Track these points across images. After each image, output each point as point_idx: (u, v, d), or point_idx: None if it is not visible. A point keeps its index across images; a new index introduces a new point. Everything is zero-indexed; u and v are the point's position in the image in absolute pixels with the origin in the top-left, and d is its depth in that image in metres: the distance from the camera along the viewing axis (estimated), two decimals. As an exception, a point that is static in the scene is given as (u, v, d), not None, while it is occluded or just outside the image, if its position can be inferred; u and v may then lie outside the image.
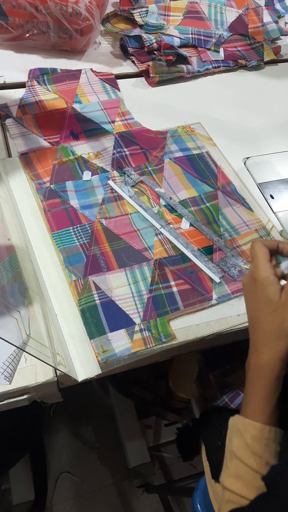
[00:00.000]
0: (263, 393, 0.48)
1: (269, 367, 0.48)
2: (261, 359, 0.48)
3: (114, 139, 0.87)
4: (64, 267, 0.67)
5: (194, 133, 0.91)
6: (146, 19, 1.07)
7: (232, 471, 0.46)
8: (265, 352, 0.48)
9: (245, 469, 0.45)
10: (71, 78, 0.98)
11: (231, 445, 0.48)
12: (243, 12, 1.17)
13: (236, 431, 0.48)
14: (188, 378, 1.03)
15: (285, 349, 0.47)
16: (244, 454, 0.46)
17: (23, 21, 0.97)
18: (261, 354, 0.48)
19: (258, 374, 0.48)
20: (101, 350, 0.59)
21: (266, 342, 0.48)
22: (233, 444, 0.47)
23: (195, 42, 1.09)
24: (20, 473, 1.14)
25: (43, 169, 0.80)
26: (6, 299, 0.61)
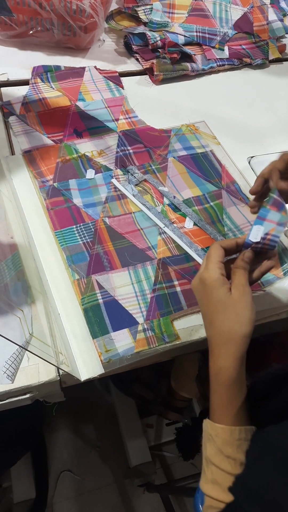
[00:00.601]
0: (226, 398, 0.47)
1: (228, 371, 0.47)
2: (218, 363, 0.47)
3: (117, 137, 0.87)
4: (67, 265, 0.67)
5: (198, 131, 0.90)
6: (150, 17, 1.07)
7: (209, 477, 0.46)
8: (222, 355, 0.47)
9: (221, 474, 0.45)
10: (75, 76, 0.98)
11: (205, 451, 0.48)
12: (248, 10, 1.16)
13: (208, 437, 0.48)
14: (189, 377, 1.03)
15: (240, 349, 0.46)
16: (218, 459, 0.46)
17: (27, 18, 0.96)
18: (218, 359, 0.47)
19: (218, 379, 0.48)
20: (104, 350, 0.59)
21: (221, 344, 0.47)
22: (207, 450, 0.47)
23: (199, 40, 1.09)
24: (22, 471, 1.14)
25: (46, 167, 0.79)
26: (9, 297, 0.61)
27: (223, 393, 0.47)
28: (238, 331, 0.46)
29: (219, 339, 0.47)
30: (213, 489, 0.45)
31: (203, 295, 0.50)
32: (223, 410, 0.47)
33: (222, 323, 0.47)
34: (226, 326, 0.47)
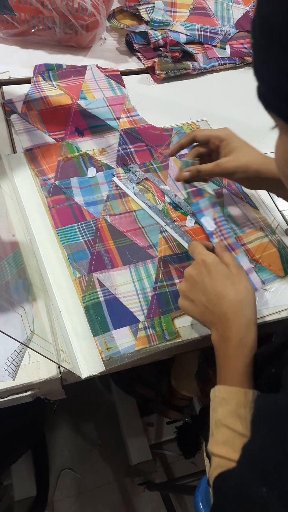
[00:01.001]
0: (245, 360, 0.50)
1: (250, 335, 0.51)
2: (241, 330, 0.51)
3: (119, 135, 0.87)
4: (68, 263, 0.67)
5: (200, 130, 0.90)
6: (152, 15, 1.07)
7: (220, 438, 0.48)
8: (242, 321, 0.51)
9: (232, 434, 0.47)
10: (77, 74, 0.98)
11: (216, 414, 0.49)
12: (250, 9, 1.16)
13: (220, 401, 0.50)
14: (190, 376, 1.03)
15: (255, 314, 0.53)
16: (230, 420, 0.47)
17: (29, 16, 0.96)
18: (240, 325, 0.51)
19: (243, 344, 0.51)
20: (105, 347, 0.59)
21: (239, 312, 0.52)
22: (218, 414, 0.49)
23: (201, 38, 1.09)
24: (22, 469, 1.14)
25: (47, 165, 0.79)
26: (10, 295, 0.61)
27: (244, 357, 0.50)
28: (250, 299, 0.53)
29: (236, 308, 0.52)
30: (224, 449, 0.47)
31: (206, 275, 0.55)
32: (240, 372, 0.50)
33: (235, 295, 0.53)
34: (239, 297, 0.52)
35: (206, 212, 0.67)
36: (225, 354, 0.52)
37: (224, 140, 0.65)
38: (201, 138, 0.67)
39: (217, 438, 0.48)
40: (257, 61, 0.33)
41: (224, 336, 0.52)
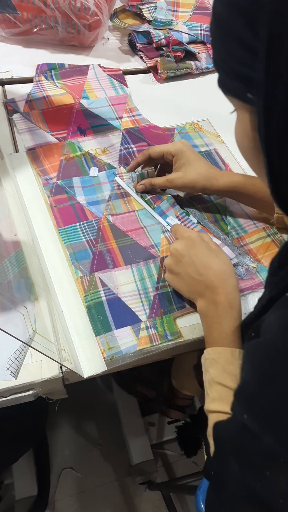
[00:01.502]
0: (235, 322, 0.55)
1: (237, 299, 0.57)
2: (230, 295, 0.56)
3: (121, 135, 0.87)
4: (70, 263, 0.67)
5: (202, 130, 0.90)
6: (154, 15, 1.07)
7: (215, 396, 0.51)
8: (229, 288, 0.56)
9: (225, 390, 0.50)
10: (79, 74, 0.98)
11: (208, 375, 0.53)
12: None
13: (211, 362, 0.53)
14: (190, 375, 1.03)
15: (237, 282, 0.58)
16: (222, 377, 0.51)
17: (31, 15, 0.96)
18: (229, 292, 0.56)
19: (231, 307, 0.55)
20: (106, 347, 0.59)
21: (226, 280, 0.57)
22: (210, 373, 0.53)
23: (204, 38, 1.09)
24: (23, 468, 1.14)
25: (50, 164, 0.79)
26: (12, 294, 0.61)
27: (233, 319, 0.55)
28: (232, 270, 0.59)
29: (223, 277, 0.57)
30: (220, 404, 0.50)
31: (192, 249, 0.60)
32: (229, 336, 0.54)
33: (220, 265, 0.58)
34: (224, 267, 0.58)
35: (168, 213, 0.75)
36: (214, 318, 0.56)
37: (175, 155, 0.71)
38: (155, 155, 0.73)
39: (212, 396, 0.52)
40: (215, 53, 0.37)
41: (213, 302, 0.56)
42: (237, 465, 0.39)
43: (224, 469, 0.42)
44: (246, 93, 0.35)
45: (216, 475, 0.45)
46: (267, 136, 0.34)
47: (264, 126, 0.33)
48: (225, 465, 0.42)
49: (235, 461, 0.40)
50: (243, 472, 0.38)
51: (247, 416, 0.38)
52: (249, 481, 0.37)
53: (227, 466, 0.41)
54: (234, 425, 0.42)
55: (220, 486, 0.43)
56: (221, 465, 0.43)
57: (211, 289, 0.57)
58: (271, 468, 0.35)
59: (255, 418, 0.37)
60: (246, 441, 0.38)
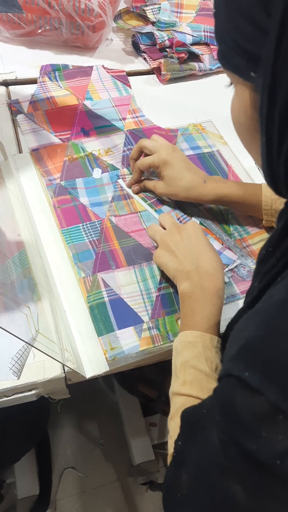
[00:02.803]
0: (218, 311, 0.56)
1: (223, 289, 0.58)
2: (217, 284, 0.57)
3: (124, 136, 0.87)
4: (73, 263, 0.67)
5: (205, 131, 0.91)
6: (158, 16, 1.07)
7: (187, 378, 0.50)
8: (217, 279, 0.58)
9: (199, 374, 0.50)
10: (83, 75, 0.98)
11: (182, 357, 0.52)
12: (256, 10, 1.16)
13: (186, 345, 0.53)
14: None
15: (223, 276, 0.59)
16: (197, 361, 0.51)
17: (35, 16, 0.97)
18: (216, 281, 0.57)
19: (218, 295, 0.56)
20: (109, 347, 0.59)
21: (214, 271, 0.58)
22: (184, 356, 0.52)
23: (207, 39, 1.09)
24: (25, 467, 1.15)
25: (53, 165, 0.80)
26: (16, 294, 0.61)
27: (216, 306, 0.56)
28: (223, 267, 0.60)
29: (215, 266, 0.59)
30: (191, 388, 0.49)
31: (192, 235, 0.62)
32: (210, 322, 0.54)
33: (215, 257, 0.60)
34: (217, 261, 0.60)
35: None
36: (199, 302, 0.56)
37: (159, 167, 0.72)
38: (145, 168, 0.75)
39: (184, 379, 0.50)
40: (218, 23, 0.37)
41: (200, 286, 0.57)
42: (219, 436, 0.36)
43: (194, 445, 0.40)
44: (250, 71, 0.34)
45: (178, 456, 0.42)
46: (269, 116, 0.33)
47: (267, 106, 0.33)
48: (196, 442, 0.40)
49: (217, 433, 0.36)
50: (232, 438, 0.35)
51: (248, 373, 0.35)
52: (240, 446, 0.34)
53: (199, 442, 0.39)
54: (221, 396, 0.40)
55: (180, 467, 0.41)
56: (189, 444, 0.41)
57: (201, 272, 0.58)
58: (269, 427, 0.34)
59: (259, 372, 0.35)
60: (242, 401, 0.35)
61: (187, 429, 0.43)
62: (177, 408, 0.49)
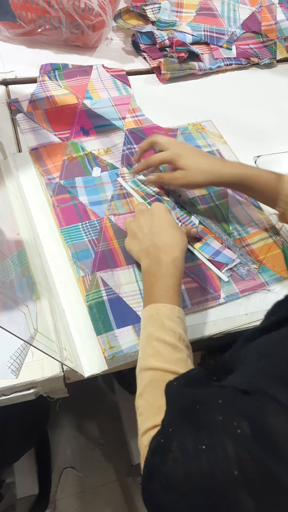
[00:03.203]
0: (176, 281, 0.56)
1: (182, 260, 0.59)
2: (175, 253, 0.58)
3: (124, 135, 0.87)
4: (72, 262, 0.67)
5: (205, 130, 0.91)
6: (158, 16, 1.07)
7: (151, 352, 0.50)
8: (177, 250, 0.59)
9: (163, 346, 0.50)
10: (82, 74, 0.98)
11: (145, 332, 0.53)
12: (256, 10, 1.16)
13: (149, 318, 0.53)
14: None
15: (185, 246, 0.61)
16: (161, 332, 0.51)
17: (35, 16, 0.97)
18: (175, 251, 0.59)
19: (174, 266, 0.57)
20: (108, 346, 0.59)
21: (174, 245, 0.59)
22: (148, 330, 0.52)
23: (207, 39, 1.09)
24: (25, 467, 1.15)
25: (53, 164, 0.80)
26: (14, 293, 0.61)
27: (176, 278, 0.56)
28: (184, 245, 0.61)
29: (172, 242, 0.60)
30: (157, 361, 0.49)
31: (155, 214, 0.64)
32: (169, 293, 0.55)
33: (175, 234, 0.61)
34: (174, 233, 0.61)
35: None
36: (157, 276, 0.57)
37: (172, 161, 0.72)
38: (155, 164, 0.76)
39: (149, 352, 0.50)
40: None
41: (156, 260, 0.58)
42: (237, 450, 0.35)
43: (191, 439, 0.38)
44: None
45: (166, 441, 0.40)
46: None
47: None
48: (195, 437, 0.38)
49: (234, 446, 0.35)
50: (260, 461, 0.34)
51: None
52: (267, 471, 0.33)
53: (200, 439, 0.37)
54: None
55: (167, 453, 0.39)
56: (183, 432, 0.39)
57: (158, 246, 0.59)
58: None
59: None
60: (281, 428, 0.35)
61: (179, 411, 0.42)
62: (146, 384, 0.49)
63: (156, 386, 0.47)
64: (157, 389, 0.47)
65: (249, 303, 0.67)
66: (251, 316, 0.65)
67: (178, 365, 0.48)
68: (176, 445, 0.38)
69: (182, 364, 0.49)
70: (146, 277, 0.59)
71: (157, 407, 0.45)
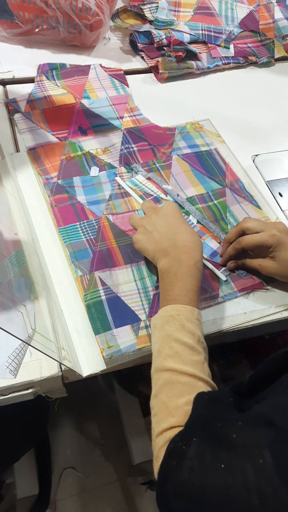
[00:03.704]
0: (197, 283, 0.56)
1: (201, 262, 0.58)
2: (195, 257, 0.58)
3: (122, 135, 0.87)
4: (70, 262, 0.67)
5: (203, 129, 0.90)
6: (156, 15, 1.07)
7: (169, 352, 0.50)
8: (196, 253, 0.58)
9: (182, 347, 0.50)
10: (80, 74, 0.98)
11: (163, 332, 0.52)
12: (254, 8, 1.16)
13: (168, 318, 0.53)
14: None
15: (202, 248, 0.60)
16: (179, 333, 0.51)
17: (32, 16, 0.96)
18: (195, 254, 0.58)
19: (197, 268, 0.57)
20: (106, 346, 0.59)
21: (193, 246, 0.59)
22: (166, 330, 0.52)
23: (205, 38, 1.09)
24: (25, 467, 1.15)
25: (50, 164, 0.79)
26: (12, 293, 0.61)
27: (196, 281, 0.56)
28: (201, 244, 0.61)
29: (192, 242, 0.59)
30: (174, 362, 0.49)
31: (169, 215, 0.63)
32: (189, 294, 0.55)
33: (192, 233, 0.61)
34: (195, 237, 0.60)
35: None
36: (177, 275, 0.56)
37: (272, 247, 0.64)
38: (249, 247, 0.66)
39: (166, 353, 0.50)
40: None
41: (177, 260, 0.57)
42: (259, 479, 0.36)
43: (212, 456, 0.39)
44: None
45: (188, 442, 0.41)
46: None
47: None
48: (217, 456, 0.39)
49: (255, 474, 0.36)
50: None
51: None
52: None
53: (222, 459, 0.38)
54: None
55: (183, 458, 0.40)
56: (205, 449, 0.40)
57: (179, 247, 0.58)
58: None
59: None
60: None
61: (203, 422, 0.42)
62: (162, 385, 0.48)
63: (173, 387, 0.47)
64: (173, 390, 0.47)
65: (247, 302, 0.67)
66: (250, 315, 0.65)
67: (195, 367, 0.48)
68: (195, 454, 0.39)
69: (199, 366, 0.49)
70: (165, 277, 0.58)
71: (173, 408, 0.46)
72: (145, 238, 0.63)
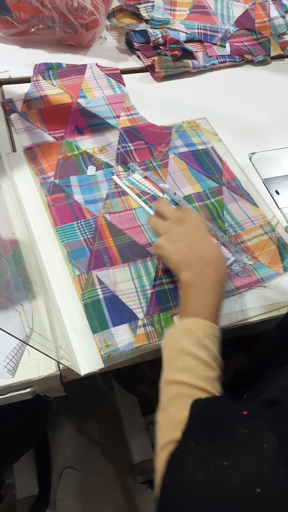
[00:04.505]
0: (219, 299, 0.55)
1: (224, 280, 0.57)
2: (222, 276, 0.57)
3: (119, 134, 0.87)
4: (67, 261, 0.67)
5: (200, 128, 0.91)
6: (152, 14, 1.07)
7: (181, 365, 0.49)
8: (222, 267, 0.58)
9: (195, 362, 0.49)
10: (76, 73, 0.98)
11: (179, 344, 0.51)
12: (250, 7, 1.16)
13: (185, 331, 0.52)
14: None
15: (225, 267, 0.60)
16: (195, 348, 0.49)
17: (28, 15, 0.96)
18: (219, 270, 0.57)
19: (219, 285, 0.56)
20: (104, 345, 0.59)
21: (221, 260, 0.58)
22: (181, 343, 0.51)
23: (201, 37, 1.09)
24: (24, 467, 1.14)
25: (47, 163, 0.79)
26: (10, 293, 0.61)
27: (221, 297, 0.56)
28: (224, 258, 0.60)
29: (217, 257, 0.58)
30: (186, 375, 0.48)
31: (196, 225, 0.62)
32: (210, 310, 0.54)
33: (216, 248, 0.60)
34: (219, 251, 0.59)
35: None
36: (201, 289, 0.55)
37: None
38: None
39: (178, 366, 0.49)
40: None
41: (202, 273, 0.56)
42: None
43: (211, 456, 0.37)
44: None
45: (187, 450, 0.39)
46: None
47: None
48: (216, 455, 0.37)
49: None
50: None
51: None
52: None
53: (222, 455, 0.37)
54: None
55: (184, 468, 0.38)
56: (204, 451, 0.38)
57: (205, 260, 0.58)
58: None
59: None
60: None
61: (202, 425, 0.41)
62: (170, 398, 0.47)
63: (181, 401, 0.46)
64: (181, 403, 0.46)
65: (245, 300, 0.67)
66: (247, 313, 0.65)
67: (207, 383, 0.47)
68: (195, 462, 0.38)
69: (211, 382, 0.48)
70: (187, 289, 0.56)
71: (178, 421, 0.44)
72: (170, 246, 0.61)
